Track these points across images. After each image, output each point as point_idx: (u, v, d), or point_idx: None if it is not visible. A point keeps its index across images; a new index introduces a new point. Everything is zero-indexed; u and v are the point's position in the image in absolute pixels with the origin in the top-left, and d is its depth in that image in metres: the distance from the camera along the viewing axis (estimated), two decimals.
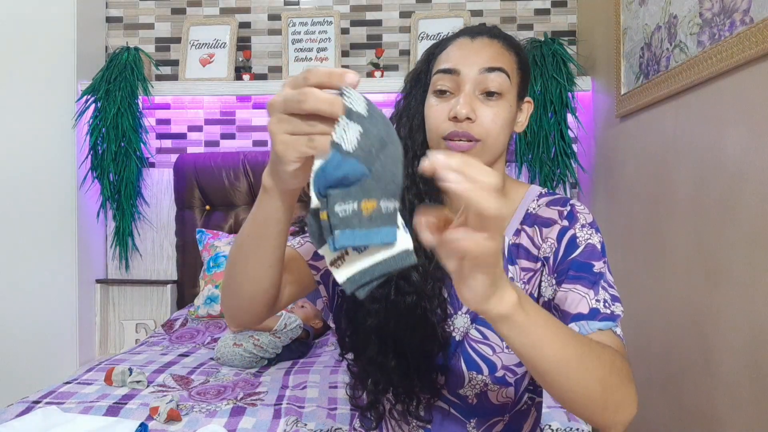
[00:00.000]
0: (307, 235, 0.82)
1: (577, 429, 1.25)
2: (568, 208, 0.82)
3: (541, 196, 0.87)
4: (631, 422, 0.67)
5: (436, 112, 0.79)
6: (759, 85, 1.20)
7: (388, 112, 0.92)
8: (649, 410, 1.67)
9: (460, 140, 0.76)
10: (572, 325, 0.72)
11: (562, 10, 2.46)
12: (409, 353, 0.80)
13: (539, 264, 0.81)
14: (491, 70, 0.77)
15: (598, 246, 0.78)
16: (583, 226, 0.80)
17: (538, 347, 0.57)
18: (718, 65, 1.31)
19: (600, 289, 0.75)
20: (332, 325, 0.88)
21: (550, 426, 1.26)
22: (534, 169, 2.23)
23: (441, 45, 0.84)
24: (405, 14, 2.50)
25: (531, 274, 0.82)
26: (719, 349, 1.33)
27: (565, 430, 1.24)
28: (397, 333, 0.80)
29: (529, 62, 0.85)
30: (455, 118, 0.76)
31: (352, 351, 0.85)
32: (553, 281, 0.78)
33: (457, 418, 0.83)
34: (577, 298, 0.74)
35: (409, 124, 0.84)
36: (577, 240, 0.78)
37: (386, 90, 2.25)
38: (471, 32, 0.81)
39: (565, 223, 0.81)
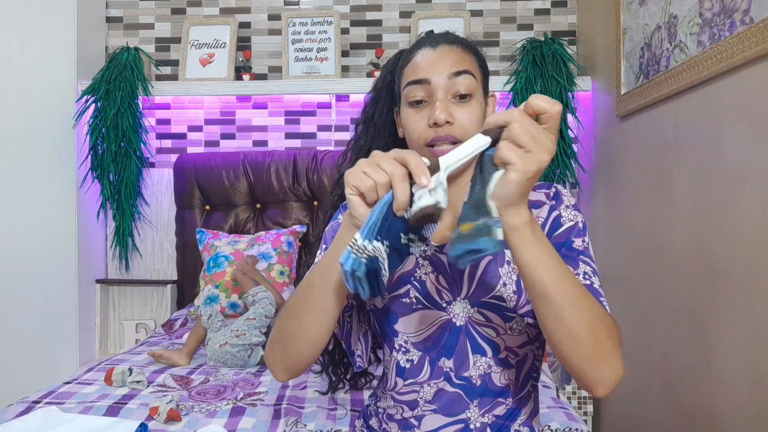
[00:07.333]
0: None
1: (577, 429, 1.24)
2: (553, 189, 0.88)
3: None
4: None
5: (415, 122, 0.83)
6: (759, 85, 1.20)
7: None
8: (649, 410, 1.67)
9: (443, 144, 0.80)
10: None
11: (562, 10, 2.46)
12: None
13: None
14: (458, 74, 0.81)
15: (581, 225, 0.84)
16: (567, 207, 0.85)
17: (540, 267, 0.63)
18: (718, 65, 1.31)
19: (580, 263, 0.80)
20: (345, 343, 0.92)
21: (549, 426, 1.26)
22: None
23: (404, 58, 0.88)
24: (405, 14, 2.50)
25: None
26: (719, 349, 1.33)
27: (564, 430, 1.24)
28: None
29: (486, 61, 0.91)
30: (435, 124, 0.80)
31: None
32: None
33: (460, 398, 0.85)
34: None
35: (375, 127, 0.95)
36: (561, 219, 0.84)
37: None
38: (430, 42, 0.85)
39: (553, 202, 0.86)
